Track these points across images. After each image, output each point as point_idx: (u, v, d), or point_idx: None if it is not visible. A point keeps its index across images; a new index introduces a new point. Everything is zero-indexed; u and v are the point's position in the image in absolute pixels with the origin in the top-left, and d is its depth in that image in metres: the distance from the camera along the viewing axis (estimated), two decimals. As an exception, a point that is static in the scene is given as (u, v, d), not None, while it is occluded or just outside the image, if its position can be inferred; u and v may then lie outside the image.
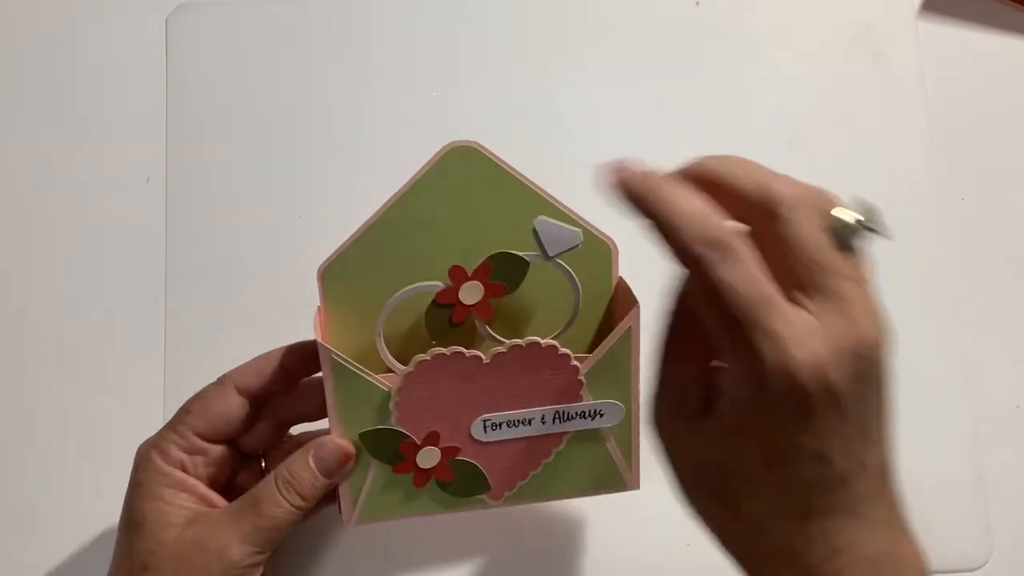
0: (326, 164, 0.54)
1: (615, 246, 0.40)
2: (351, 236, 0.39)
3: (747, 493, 0.32)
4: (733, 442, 0.32)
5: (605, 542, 0.48)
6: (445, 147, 0.39)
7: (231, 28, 0.56)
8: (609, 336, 0.40)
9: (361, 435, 0.40)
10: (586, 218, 0.40)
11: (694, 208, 0.30)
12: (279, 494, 0.39)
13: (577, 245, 0.39)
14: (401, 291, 0.39)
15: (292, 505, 0.39)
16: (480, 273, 0.39)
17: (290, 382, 0.42)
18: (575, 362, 0.40)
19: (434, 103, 0.55)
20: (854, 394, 0.30)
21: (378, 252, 0.40)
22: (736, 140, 0.54)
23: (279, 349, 0.42)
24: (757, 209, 0.31)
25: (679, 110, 0.55)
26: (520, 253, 0.39)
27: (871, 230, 0.31)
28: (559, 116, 0.55)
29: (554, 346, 0.39)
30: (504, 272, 0.39)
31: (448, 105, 0.55)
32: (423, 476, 0.41)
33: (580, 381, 0.40)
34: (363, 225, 0.39)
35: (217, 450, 0.42)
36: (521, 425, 0.40)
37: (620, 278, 0.41)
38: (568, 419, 0.40)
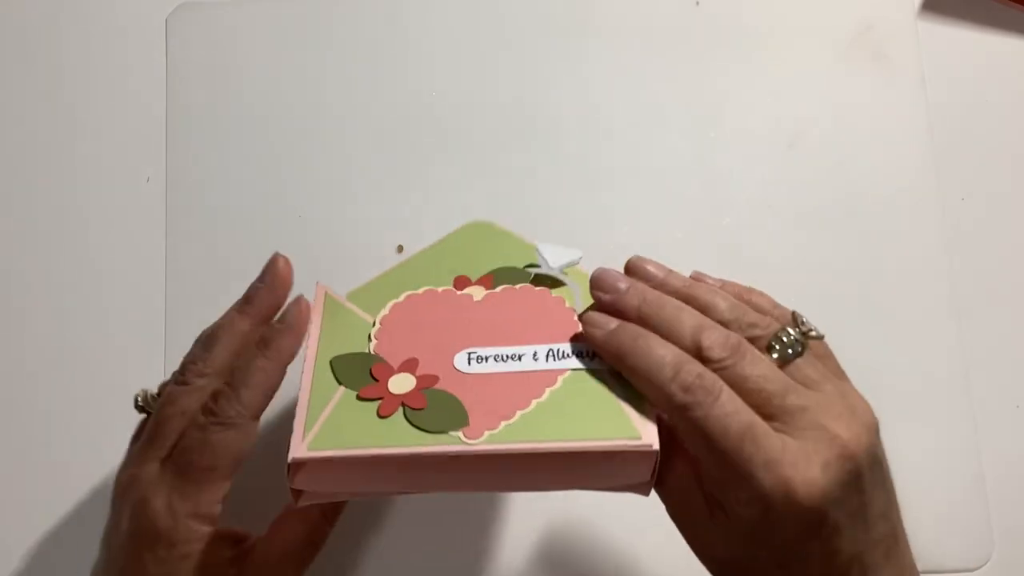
0: (326, 164, 0.54)
1: None
2: (376, 275, 0.43)
3: None
4: (745, 546, 0.33)
5: (606, 542, 0.48)
6: (463, 224, 0.44)
7: (231, 28, 0.56)
8: None
9: (332, 360, 0.37)
10: (583, 225, 0.40)
11: (668, 357, 0.33)
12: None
13: (578, 260, 0.40)
14: (407, 293, 0.40)
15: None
16: (483, 282, 0.40)
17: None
18: (569, 305, 0.38)
19: (434, 103, 0.55)
20: (849, 494, 0.32)
21: (398, 283, 0.41)
22: (736, 140, 0.54)
23: (268, 351, 0.38)
24: (696, 355, 0.34)
25: (679, 110, 0.55)
26: (522, 267, 0.40)
27: (809, 336, 0.35)
28: (558, 116, 0.55)
29: (546, 290, 0.39)
30: (506, 282, 0.40)
31: (448, 105, 0.55)
32: (392, 402, 0.35)
33: (576, 322, 0.37)
34: (388, 269, 0.43)
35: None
36: (510, 360, 0.36)
37: None
38: (563, 357, 0.36)
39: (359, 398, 0.36)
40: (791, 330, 0.34)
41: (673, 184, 0.54)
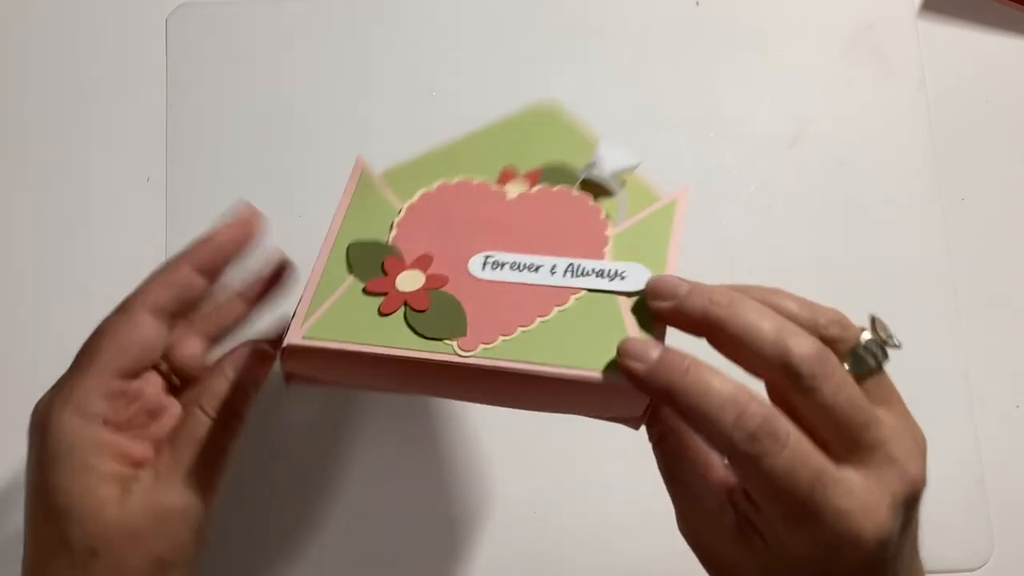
0: (326, 164, 0.54)
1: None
2: (422, 152, 0.41)
3: None
4: (781, 574, 0.31)
5: (605, 541, 0.48)
6: (528, 104, 0.42)
7: (231, 28, 0.56)
8: (652, 207, 0.37)
9: (349, 246, 0.37)
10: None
11: (727, 395, 0.29)
12: (199, 411, 0.35)
13: (634, 167, 0.38)
14: (440, 181, 0.39)
15: (208, 412, 0.36)
16: (530, 177, 0.38)
17: (206, 284, 0.39)
18: (604, 216, 0.36)
19: (434, 103, 0.55)
20: (907, 524, 0.31)
21: (437, 167, 0.40)
22: (736, 140, 0.54)
23: (181, 254, 0.38)
24: (779, 371, 0.30)
25: (679, 110, 0.55)
26: (576, 164, 0.38)
27: (889, 345, 0.32)
28: (559, 116, 0.55)
29: (586, 198, 0.37)
30: (553, 180, 0.38)
31: (448, 105, 0.55)
32: (395, 300, 0.34)
33: (606, 237, 0.35)
34: (436, 146, 0.41)
35: (136, 386, 0.36)
36: (527, 271, 0.35)
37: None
38: (582, 274, 0.34)
39: (365, 291, 0.35)
40: (871, 336, 0.31)
41: (673, 184, 0.53)
